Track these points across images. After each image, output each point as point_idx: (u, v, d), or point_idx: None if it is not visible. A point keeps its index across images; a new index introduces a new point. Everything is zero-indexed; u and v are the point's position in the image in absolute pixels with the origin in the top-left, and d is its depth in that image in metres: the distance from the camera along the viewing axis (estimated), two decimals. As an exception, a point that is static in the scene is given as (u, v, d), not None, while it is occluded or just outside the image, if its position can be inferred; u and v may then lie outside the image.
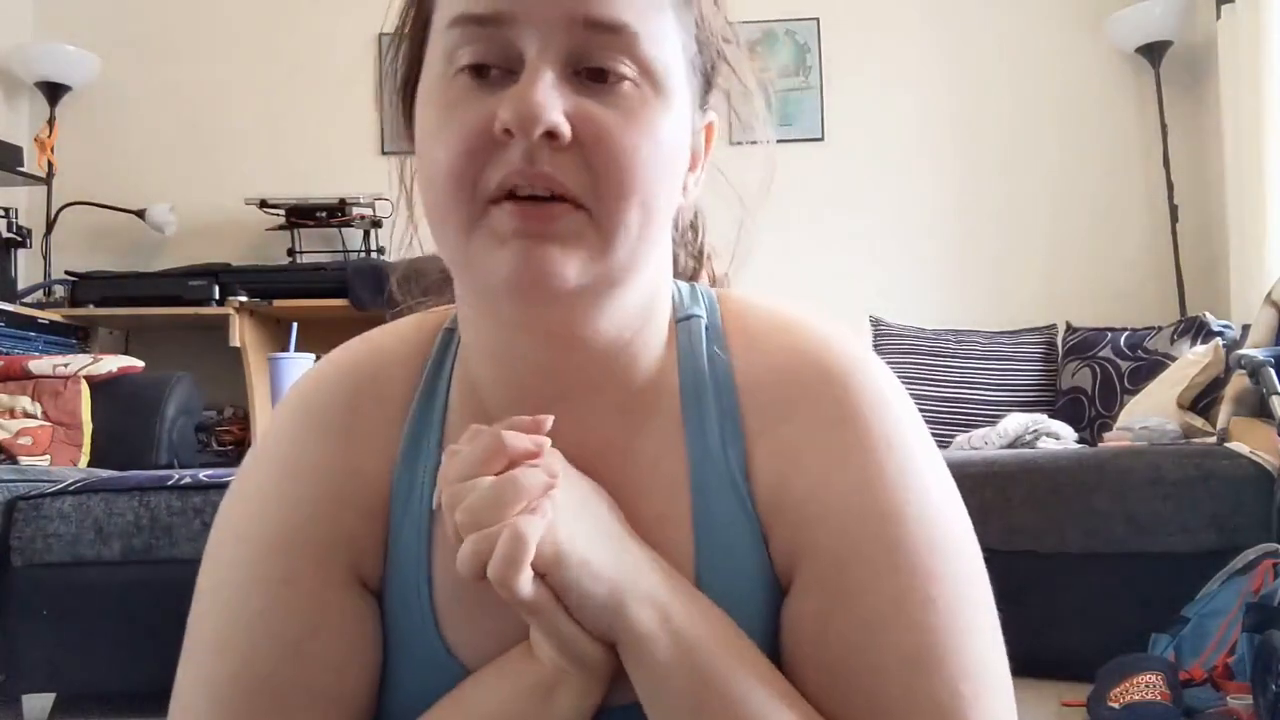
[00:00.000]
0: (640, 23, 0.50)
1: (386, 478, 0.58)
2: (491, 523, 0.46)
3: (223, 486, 1.87)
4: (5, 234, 3.18)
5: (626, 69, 0.50)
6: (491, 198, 0.49)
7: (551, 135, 0.47)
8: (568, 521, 0.49)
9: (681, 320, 0.60)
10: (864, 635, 0.50)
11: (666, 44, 0.51)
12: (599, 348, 0.55)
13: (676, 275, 0.65)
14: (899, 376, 0.58)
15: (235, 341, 3.02)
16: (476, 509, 0.47)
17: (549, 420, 0.50)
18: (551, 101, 0.47)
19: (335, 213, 3.22)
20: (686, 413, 0.57)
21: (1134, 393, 2.59)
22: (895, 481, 0.52)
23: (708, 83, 0.58)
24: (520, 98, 0.47)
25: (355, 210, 3.22)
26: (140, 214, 3.35)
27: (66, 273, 3.21)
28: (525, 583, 0.46)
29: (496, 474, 0.48)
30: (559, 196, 0.48)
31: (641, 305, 0.56)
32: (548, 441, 0.49)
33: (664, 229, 0.55)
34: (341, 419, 0.59)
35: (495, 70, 0.49)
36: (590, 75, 0.49)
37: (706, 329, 0.60)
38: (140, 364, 2.86)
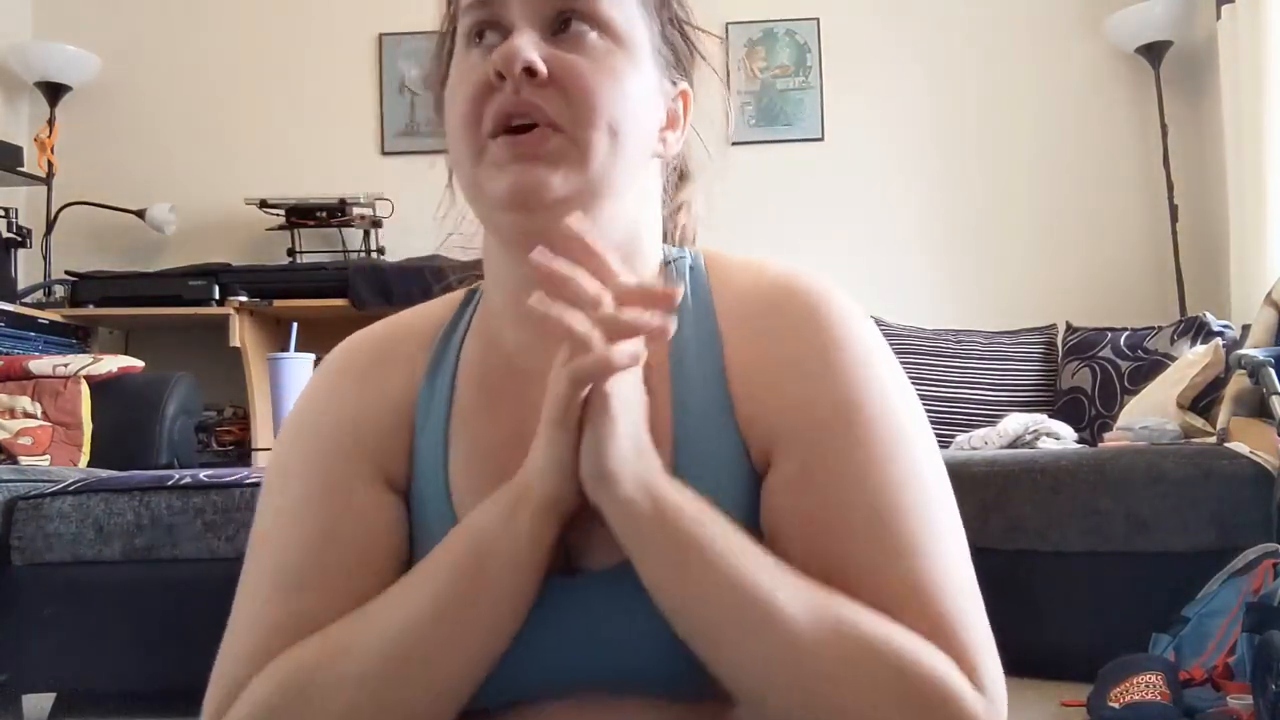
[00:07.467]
0: None
1: (413, 395, 0.69)
2: (611, 336, 0.52)
3: (223, 487, 1.87)
4: (5, 234, 3.18)
5: (590, 23, 0.62)
6: (490, 132, 0.61)
7: (530, 73, 0.60)
8: (627, 393, 0.56)
9: (668, 263, 0.70)
10: (831, 497, 0.57)
11: (625, 9, 0.63)
12: None
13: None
14: (899, 377, 0.60)
15: (235, 341, 3.03)
16: (611, 319, 0.52)
17: (680, 293, 0.55)
18: (529, 47, 0.60)
19: (335, 213, 3.22)
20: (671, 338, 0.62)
21: (1134, 393, 2.59)
22: (854, 374, 0.60)
23: (677, 57, 0.69)
24: (504, 47, 0.60)
25: (355, 210, 3.22)
26: (140, 214, 3.36)
27: (66, 273, 3.21)
28: (580, 395, 0.54)
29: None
30: (541, 123, 0.60)
31: (626, 231, 0.66)
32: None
33: (636, 158, 0.65)
34: (372, 362, 0.71)
35: (490, 34, 0.63)
36: (562, 27, 0.62)
37: (690, 268, 0.69)
38: (140, 364, 2.86)
